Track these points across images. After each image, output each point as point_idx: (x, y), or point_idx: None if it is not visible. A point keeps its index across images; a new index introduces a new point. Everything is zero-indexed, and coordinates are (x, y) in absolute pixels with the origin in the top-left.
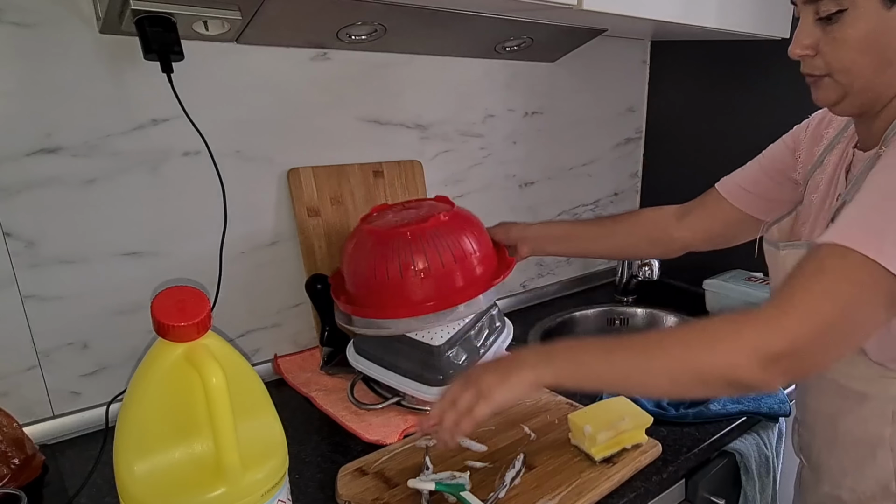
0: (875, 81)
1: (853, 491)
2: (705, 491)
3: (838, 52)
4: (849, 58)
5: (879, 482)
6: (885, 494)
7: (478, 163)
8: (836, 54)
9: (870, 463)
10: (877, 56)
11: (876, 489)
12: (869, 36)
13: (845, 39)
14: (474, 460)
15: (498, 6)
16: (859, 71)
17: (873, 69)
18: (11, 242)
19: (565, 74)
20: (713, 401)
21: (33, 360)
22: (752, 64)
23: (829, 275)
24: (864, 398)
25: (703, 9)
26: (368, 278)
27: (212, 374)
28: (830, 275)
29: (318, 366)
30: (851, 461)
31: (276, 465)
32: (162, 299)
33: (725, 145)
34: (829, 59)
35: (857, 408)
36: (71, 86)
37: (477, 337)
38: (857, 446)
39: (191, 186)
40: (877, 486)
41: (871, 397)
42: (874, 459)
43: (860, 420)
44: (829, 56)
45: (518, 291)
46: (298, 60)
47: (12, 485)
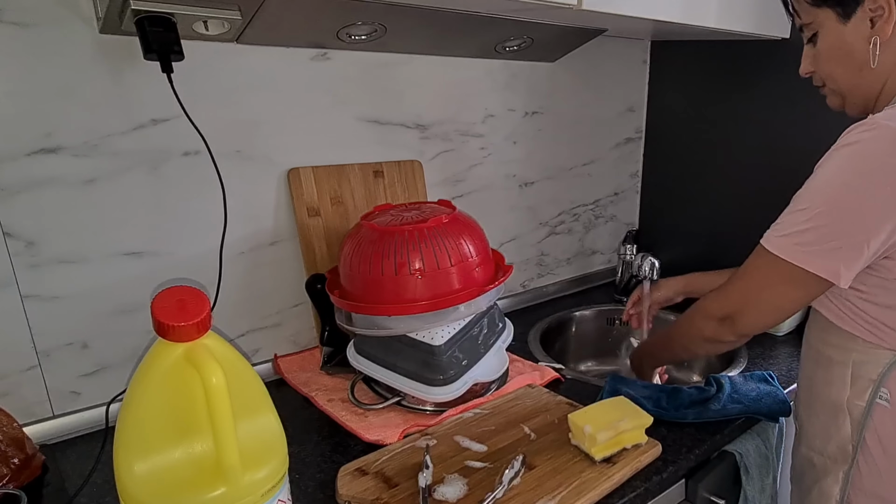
0: (857, 83)
1: (821, 454)
2: (705, 491)
3: (821, 65)
4: (828, 68)
5: (840, 445)
6: (843, 457)
7: (478, 163)
8: (821, 67)
9: (832, 425)
10: (849, 63)
11: (837, 452)
12: (835, 48)
13: (821, 54)
14: (474, 460)
15: (498, 6)
16: (839, 76)
17: (850, 74)
18: (11, 242)
19: (565, 74)
20: (713, 401)
21: (33, 360)
22: (752, 64)
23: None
24: (830, 363)
25: (703, 9)
26: (364, 273)
27: (212, 374)
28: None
29: (318, 366)
30: (821, 424)
31: (276, 465)
32: (162, 299)
33: (725, 145)
34: (820, 72)
35: (825, 373)
36: (71, 86)
37: (477, 337)
38: (825, 410)
39: (191, 186)
40: (838, 450)
41: (836, 362)
42: (836, 422)
43: (827, 384)
44: (819, 70)
45: (518, 291)
46: (298, 60)
47: (12, 485)
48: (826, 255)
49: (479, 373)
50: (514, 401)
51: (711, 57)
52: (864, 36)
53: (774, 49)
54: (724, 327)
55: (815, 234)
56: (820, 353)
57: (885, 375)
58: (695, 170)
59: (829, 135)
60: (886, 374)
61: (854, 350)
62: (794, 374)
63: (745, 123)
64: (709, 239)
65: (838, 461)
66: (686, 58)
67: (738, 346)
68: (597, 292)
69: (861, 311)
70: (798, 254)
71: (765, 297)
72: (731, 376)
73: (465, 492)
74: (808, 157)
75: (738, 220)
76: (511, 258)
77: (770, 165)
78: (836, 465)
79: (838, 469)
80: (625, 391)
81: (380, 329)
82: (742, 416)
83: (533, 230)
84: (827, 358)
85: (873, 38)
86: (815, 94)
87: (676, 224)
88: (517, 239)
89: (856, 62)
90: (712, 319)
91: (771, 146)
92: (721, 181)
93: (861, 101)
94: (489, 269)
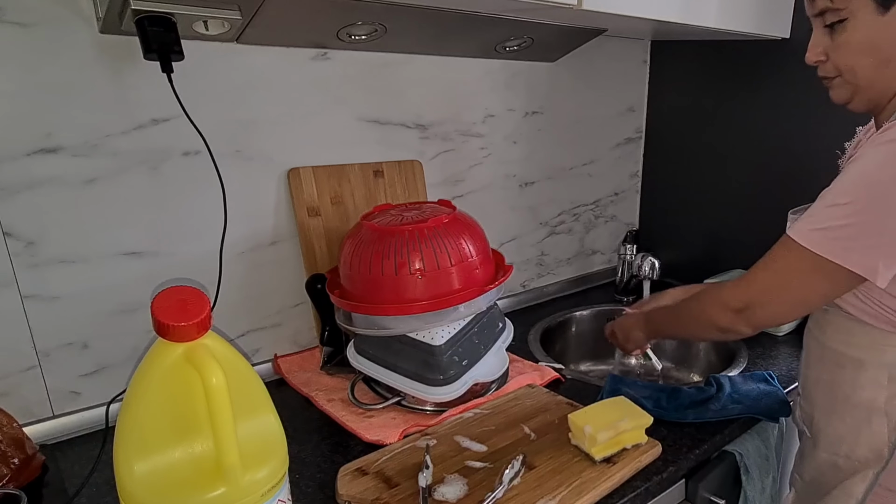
0: (878, 78)
1: (848, 457)
2: (705, 491)
3: (843, 55)
4: (852, 60)
5: (873, 448)
6: (877, 459)
7: (478, 163)
8: (842, 58)
9: (865, 429)
10: (876, 56)
11: (870, 455)
12: (867, 40)
13: (848, 44)
14: (474, 460)
15: (498, 6)
16: (862, 71)
17: (874, 68)
18: (11, 242)
19: (565, 74)
20: (713, 401)
21: (33, 360)
22: (752, 64)
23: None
24: (860, 365)
25: (703, 9)
26: (364, 273)
27: (212, 374)
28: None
29: (318, 366)
30: (848, 428)
31: (276, 465)
32: (162, 299)
33: (725, 145)
34: (837, 62)
35: (854, 374)
36: (71, 86)
37: (477, 337)
38: (853, 413)
39: (191, 186)
40: (870, 452)
41: (868, 364)
42: (869, 425)
43: (857, 387)
44: (837, 60)
45: (518, 291)
46: (298, 60)
47: (12, 485)
48: (865, 252)
49: (479, 373)
50: (514, 401)
51: (711, 57)
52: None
53: (774, 49)
54: (741, 318)
55: (856, 229)
56: (844, 355)
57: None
58: (695, 170)
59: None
60: None
61: (889, 347)
62: (795, 374)
63: (745, 123)
64: (709, 239)
65: (870, 464)
66: (686, 58)
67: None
68: (597, 292)
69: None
70: (835, 249)
71: (790, 290)
72: (731, 376)
73: (465, 492)
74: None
75: (738, 219)
76: (511, 258)
77: (770, 165)
78: (867, 467)
79: (868, 469)
80: (625, 391)
81: (380, 329)
82: (742, 416)
83: (533, 230)
84: (855, 360)
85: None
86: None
87: (676, 224)
88: (517, 239)
89: (883, 57)
90: (728, 309)
91: (771, 146)
92: (721, 181)
93: (875, 97)
94: (489, 269)
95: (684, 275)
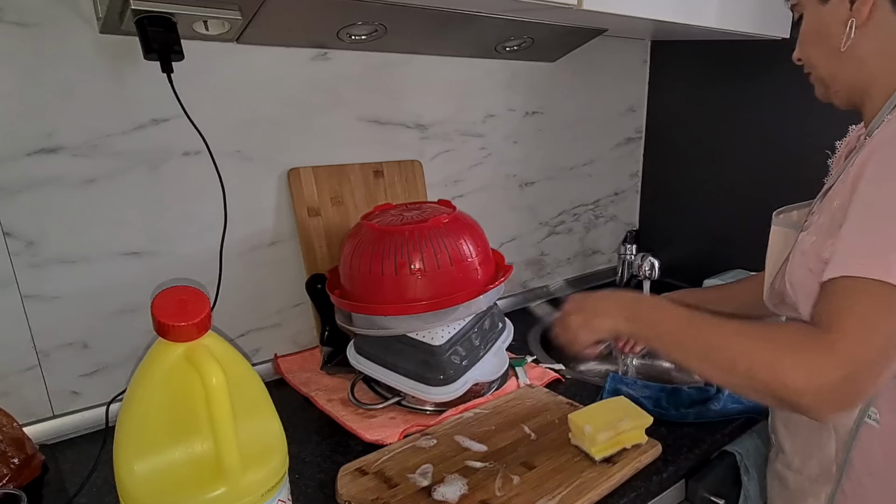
0: (837, 69)
1: (799, 472)
2: (705, 491)
3: (801, 49)
4: (808, 51)
5: (822, 464)
6: (825, 478)
7: (478, 163)
8: (801, 51)
9: (815, 444)
10: (826, 46)
11: (818, 471)
12: (813, 30)
13: (802, 37)
14: (474, 460)
15: (498, 6)
16: (817, 61)
17: (829, 59)
18: (11, 242)
19: (565, 74)
20: (713, 401)
21: (33, 360)
22: (752, 64)
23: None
24: None
25: (703, 9)
26: (364, 273)
27: (212, 374)
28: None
29: (318, 366)
30: (801, 442)
31: (276, 465)
32: (162, 299)
33: (725, 145)
34: (802, 57)
35: None
36: (71, 86)
37: (477, 337)
38: (807, 428)
39: (191, 186)
40: (819, 469)
41: None
42: (819, 441)
43: None
44: (801, 54)
45: (518, 291)
46: (298, 60)
47: (12, 485)
48: None
49: (479, 373)
50: (514, 401)
51: (711, 57)
52: (842, 18)
53: (774, 49)
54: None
55: None
56: None
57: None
58: (695, 170)
59: (829, 134)
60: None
61: None
62: None
63: (745, 123)
64: (709, 239)
65: (819, 481)
66: (686, 58)
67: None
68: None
69: None
70: None
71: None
72: None
73: (465, 492)
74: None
75: (737, 219)
76: (511, 258)
77: (770, 165)
78: (817, 485)
79: (820, 490)
80: (625, 391)
81: (380, 329)
82: (742, 416)
83: (533, 230)
84: None
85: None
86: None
87: (676, 224)
88: (517, 239)
89: (832, 46)
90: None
91: (771, 146)
92: (721, 181)
93: (844, 90)
94: (489, 269)
95: (684, 275)
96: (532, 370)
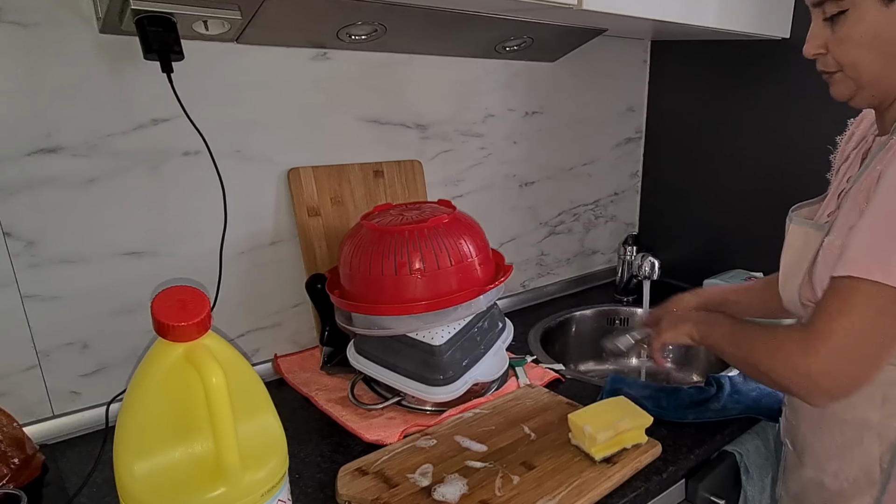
0: (883, 74)
1: (836, 476)
2: (705, 491)
3: (845, 49)
4: (854, 54)
5: (863, 468)
6: (868, 480)
7: (478, 163)
8: (843, 52)
9: (856, 447)
10: (880, 50)
11: (859, 475)
12: (870, 32)
13: (850, 37)
14: (474, 460)
15: (498, 6)
16: (866, 66)
17: (880, 63)
18: (11, 242)
19: (565, 74)
20: (713, 401)
21: (33, 360)
22: (752, 64)
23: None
24: None
25: (703, 9)
26: (364, 273)
27: (212, 374)
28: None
29: (318, 366)
30: (837, 445)
31: (276, 465)
32: (162, 299)
33: (725, 145)
34: (838, 56)
35: None
36: (71, 86)
37: (477, 337)
38: (843, 430)
39: (191, 186)
40: (860, 472)
41: None
42: (860, 444)
43: (849, 403)
44: (838, 54)
45: (518, 291)
46: (298, 60)
47: (12, 485)
48: None
49: (479, 373)
50: (514, 401)
51: (711, 57)
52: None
53: (774, 49)
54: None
55: None
56: None
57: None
58: (695, 170)
59: (829, 134)
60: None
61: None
62: None
63: (745, 123)
64: (709, 239)
65: (861, 485)
66: (686, 58)
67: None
68: (597, 292)
69: None
70: None
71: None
72: (731, 376)
73: (465, 492)
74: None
75: (738, 219)
76: (511, 258)
77: (770, 165)
78: (859, 488)
79: (863, 494)
80: (625, 391)
81: (380, 329)
82: (742, 416)
83: (533, 230)
84: None
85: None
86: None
87: (676, 224)
88: (517, 239)
89: (889, 51)
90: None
91: (771, 146)
92: (721, 181)
93: (879, 94)
94: (489, 269)
95: (684, 275)
96: (532, 370)
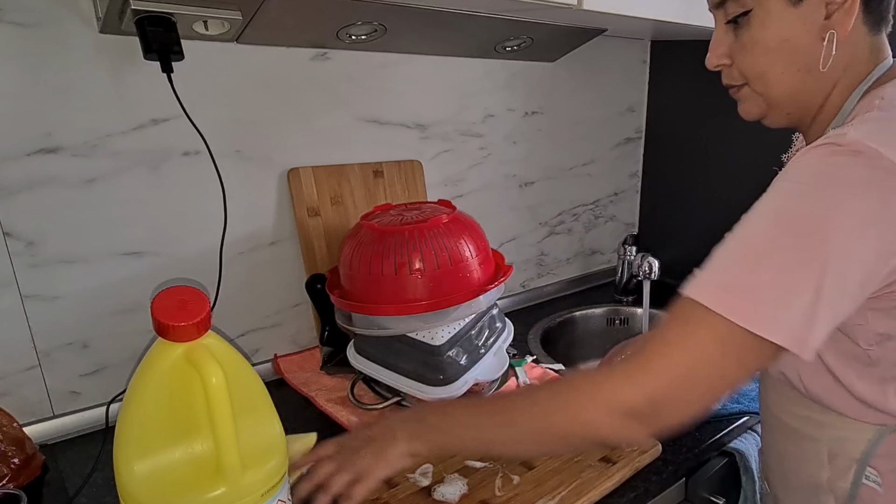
0: (798, 89)
1: None
2: (705, 491)
3: (749, 57)
4: (760, 62)
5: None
6: None
7: (478, 163)
8: (748, 60)
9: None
10: (790, 59)
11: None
12: (778, 36)
13: (755, 42)
14: (474, 460)
15: (498, 6)
16: (775, 77)
17: (790, 74)
18: (11, 242)
19: (565, 74)
20: None
21: (33, 360)
22: None
23: (683, 331)
24: (801, 438)
25: (703, 9)
26: (364, 273)
27: (212, 374)
28: (685, 331)
29: (318, 366)
30: (801, 500)
31: (276, 465)
32: (162, 299)
33: (725, 145)
34: (743, 66)
35: (796, 448)
36: (71, 86)
37: (477, 337)
38: (801, 488)
39: (191, 186)
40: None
41: (807, 437)
42: (817, 499)
43: (801, 461)
44: (742, 63)
45: (518, 291)
46: (298, 60)
47: (12, 485)
48: None
49: (479, 373)
50: None
51: None
52: (816, 28)
53: None
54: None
55: None
56: (786, 425)
57: (868, 454)
58: (695, 170)
59: None
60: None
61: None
62: None
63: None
64: (709, 239)
65: None
66: (686, 58)
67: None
68: (597, 292)
69: None
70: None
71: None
72: None
73: (465, 492)
74: None
75: (738, 220)
76: (511, 258)
77: (770, 165)
78: None
79: None
80: None
81: (380, 329)
82: (742, 416)
83: (533, 230)
84: (796, 432)
85: (828, 32)
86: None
87: (676, 224)
88: (517, 239)
89: (801, 62)
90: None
91: (771, 146)
92: (721, 181)
93: (794, 111)
94: (489, 269)
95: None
96: (532, 370)
